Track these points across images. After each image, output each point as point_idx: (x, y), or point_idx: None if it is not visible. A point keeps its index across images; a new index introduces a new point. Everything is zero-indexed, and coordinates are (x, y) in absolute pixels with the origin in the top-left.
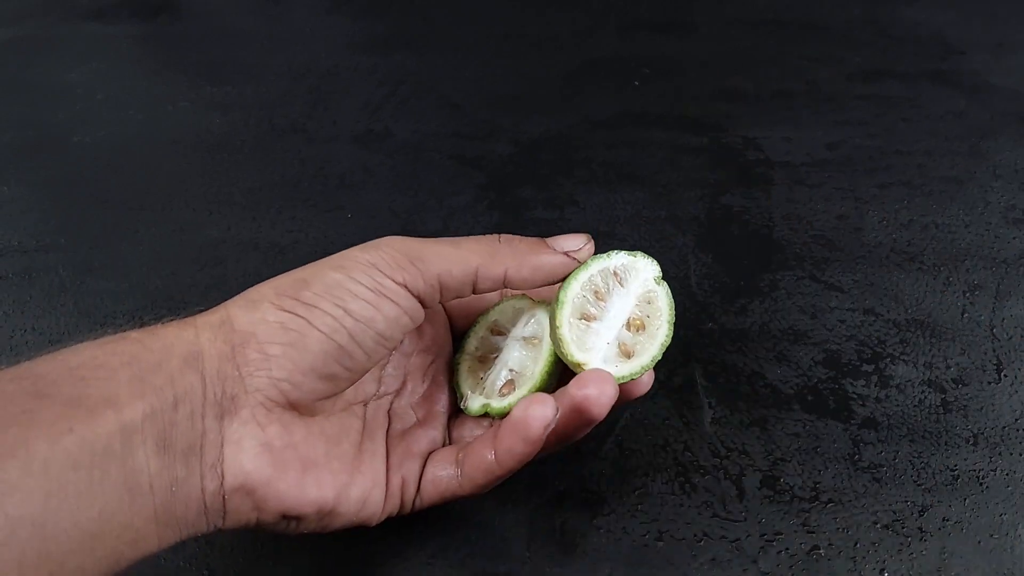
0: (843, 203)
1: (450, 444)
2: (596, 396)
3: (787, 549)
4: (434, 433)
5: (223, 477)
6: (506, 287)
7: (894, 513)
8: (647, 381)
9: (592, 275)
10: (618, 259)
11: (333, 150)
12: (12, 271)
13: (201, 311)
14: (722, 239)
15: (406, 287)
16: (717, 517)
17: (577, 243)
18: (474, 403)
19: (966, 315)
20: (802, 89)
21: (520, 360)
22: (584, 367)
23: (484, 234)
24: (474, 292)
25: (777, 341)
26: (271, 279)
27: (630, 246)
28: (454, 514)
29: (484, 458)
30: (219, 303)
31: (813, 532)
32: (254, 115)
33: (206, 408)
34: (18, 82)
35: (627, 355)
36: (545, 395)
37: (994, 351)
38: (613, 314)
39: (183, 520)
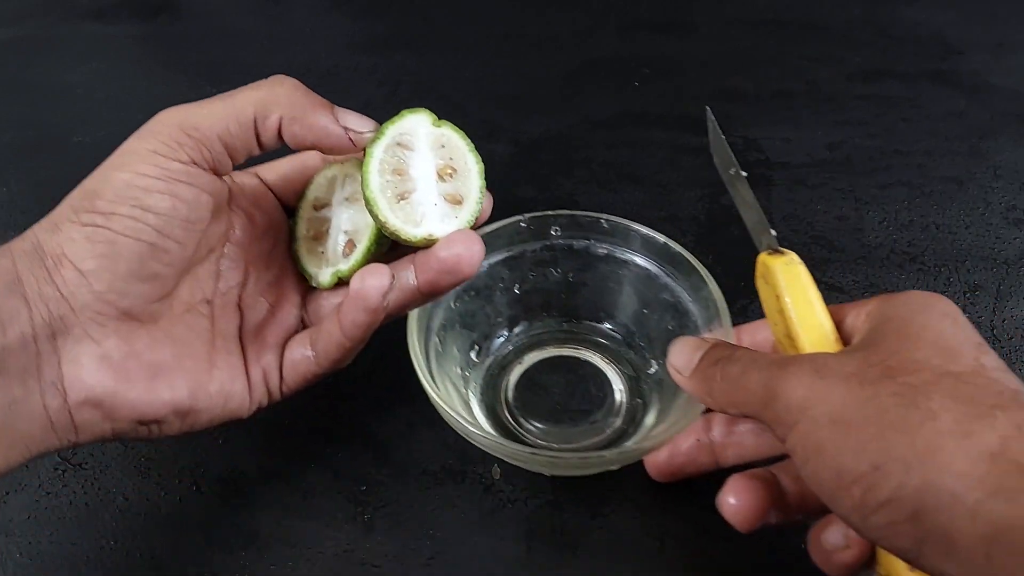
0: (843, 204)
1: (308, 326)
2: (468, 255)
3: (787, 548)
4: (288, 319)
5: (65, 393)
6: (282, 139)
7: None
8: (488, 207)
9: (380, 159)
10: (392, 131)
11: None
12: None
13: (12, 236)
14: (722, 239)
15: (193, 163)
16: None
17: (361, 125)
18: (324, 275)
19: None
20: (802, 89)
21: (351, 219)
22: (432, 237)
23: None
24: (260, 146)
25: None
26: (66, 197)
27: None
28: (453, 515)
29: (333, 334)
30: None
31: None
32: None
33: (36, 330)
34: (18, 82)
35: (457, 201)
36: (379, 265)
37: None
38: (421, 178)
39: (28, 438)
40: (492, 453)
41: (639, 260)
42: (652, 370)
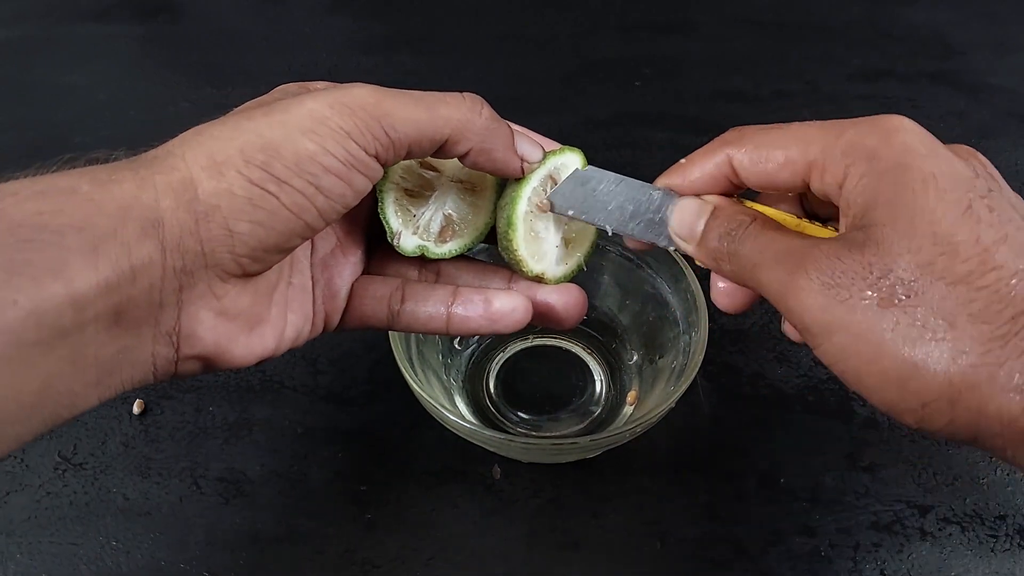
0: None
1: (371, 271)
2: (576, 311)
3: (787, 549)
4: (355, 259)
5: (178, 346)
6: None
7: (894, 513)
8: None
9: (534, 187)
10: (551, 163)
11: None
12: None
13: (154, 146)
14: None
15: (377, 158)
16: (717, 517)
17: (534, 155)
18: (408, 242)
19: None
20: (802, 89)
21: (458, 206)
22: (543, 276)
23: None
24: (432, 155)
25: (777, 341)
26: (232, 124)
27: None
28: (454, 514)
29: (432, 315)
30: None
31: (813, 532)
32: None
33: (165, 282)
34: (18, 83)
35: (569, 247)
36: (526, 300)
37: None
38: (555, 218)
39: (128, 380)
40: (469, 439)
41: (621, 251)
42: (632, 360)
